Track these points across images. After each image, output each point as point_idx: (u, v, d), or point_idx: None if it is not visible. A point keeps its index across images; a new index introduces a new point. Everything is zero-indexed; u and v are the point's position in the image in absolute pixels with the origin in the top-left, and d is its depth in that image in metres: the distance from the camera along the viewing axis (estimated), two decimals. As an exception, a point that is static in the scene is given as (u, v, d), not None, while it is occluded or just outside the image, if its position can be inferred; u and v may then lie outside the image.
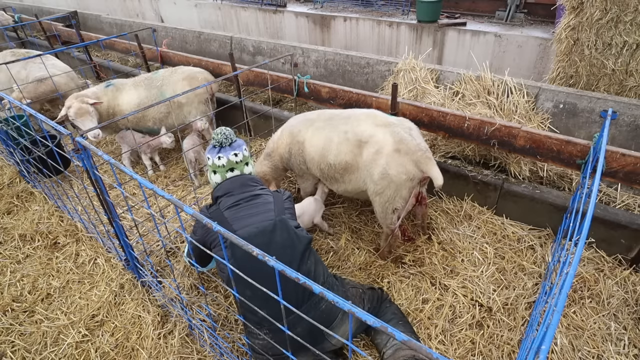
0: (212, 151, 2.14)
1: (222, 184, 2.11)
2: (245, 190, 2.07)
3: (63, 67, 4.94)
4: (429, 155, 2.44)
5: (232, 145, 2.13)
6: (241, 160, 2.14)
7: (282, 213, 2.00)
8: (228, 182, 2.10)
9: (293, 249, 1.93)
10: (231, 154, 2.10)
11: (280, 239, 1.91)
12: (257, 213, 1.97)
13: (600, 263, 2.68)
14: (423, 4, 5.67)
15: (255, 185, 2.13)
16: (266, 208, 2.00)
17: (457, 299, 2.51)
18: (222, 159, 2.10)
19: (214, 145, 2.15)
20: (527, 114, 3.34)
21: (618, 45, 3.47)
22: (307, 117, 2.95)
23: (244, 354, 2.23)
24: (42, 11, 9.81)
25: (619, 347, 2.19)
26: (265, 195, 2.08)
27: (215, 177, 2.15)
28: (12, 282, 2.83)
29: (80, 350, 2.35)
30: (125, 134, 3.96)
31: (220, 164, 2.10)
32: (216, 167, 2.12)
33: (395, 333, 0.88)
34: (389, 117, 2.65)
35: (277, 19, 7.61)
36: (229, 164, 2.11)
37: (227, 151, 2.10)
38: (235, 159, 2.12)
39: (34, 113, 2.37)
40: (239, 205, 1.99)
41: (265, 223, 1.92)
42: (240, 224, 1.91)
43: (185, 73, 4.06)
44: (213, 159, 2.11)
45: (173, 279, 2.54)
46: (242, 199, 2.02)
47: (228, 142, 2.13)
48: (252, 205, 2.00)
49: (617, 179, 2.52)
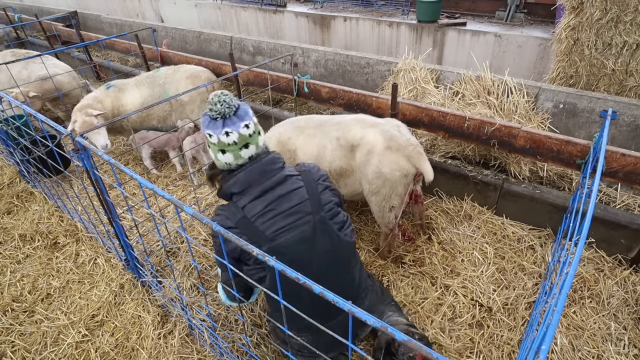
0: (213, 125, 1.61)
1: (237, 178, 1.66)
2: (268, 178, 1.66)
3: (64, 66, 4.94)
4: (420, 150, 2.45)
5: (239, 114, 1.61)
6: (254, 132, 1.65)
7: (319, 207, 1.69)
8: (243, 174, 1.65)
9: (338, 255, 1.74)
10: (242, 127, 1.60)
11: (322, 244, 1.68)
12: (291, 212, 1.64)
13: (600, 263, 2.68)
14: (423, 4, 5.67)
15: (276, 165, 1.71)
16: (299, 200, 1.67)
17: (457, 298, 2.51)
18: (231, 134, 1.59)
19: (213, 118, 1.62)
20: (527, 114, 3.34)
21: (618, 45, 3.47)
22: (295, 124, 2.85)
23: (244, 354, 2.23)
24: (42, 11, 9.81)
25: (619, 347, 2.19)
26: (294, 179, 1.71)
27: (225, 157, 1.65)
28: (12, 282, 2.83)
29: (80, 350, 2.35)
30: (147, 135, 3.92)
31: (231, 141, 1.60)
32: (225, 146, 1.62)
33: (395, 333, 0.88)
34: (377, 118, 2.66)
35: (277, 19, 7.61)
36: (241, 140, 1.61)
37: (235, 123, 1.60)
38: (247, 132, 1.62)
39: (34, 113, 2.37)
40: (266, 205, 1.64)
41: (304, 227, 1.65)
42: (274, 228, 1.61)
43: (189, 72, 4.06)
44: (218, 135, 1.60)
45: (173, 279, 2.54)
46: (267, 192, 1.65)
47: (232, 111, 1.61)
48: (283, 200, 1.65)
49: (617, 179, 2.52)
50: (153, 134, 3.89)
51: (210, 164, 1.88)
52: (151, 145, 3.90)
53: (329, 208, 1.72)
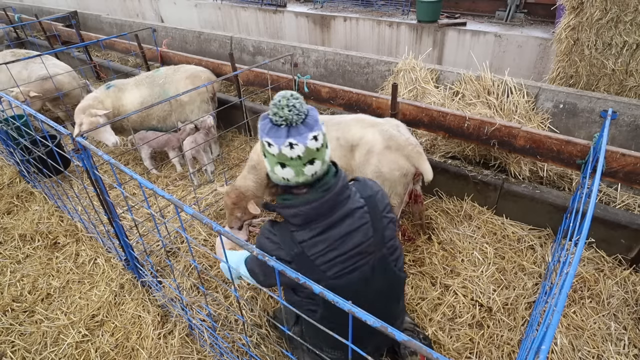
0: (275, 133, 1.32)
1: (300, 211, 1.41)
2: (335, 212, 1.44)
3: (64, 66, 4.94)
4: (420, 149, 2.45)
5: (307, 123, 1.33)
6: (322, 144, 1.37)
7: (382, 245, 1.53)
8: (310, 209, 1.40)
9: (391, 291, 1.69)
10: (310, 139, 1.31)
11: (378, 283, 1.58)
12: (354, 254, 1.47)
13: (600, 263, 2.68)
14: (423, 4, 5.67)
15: (345, 195, 1.47)
16: (364, 239, 1.49)
17: (457, 298, 2.51)
18: (296, 147, 1.31)
19: (275, 123, 1.33)
20: (527, 114, 3.34)
21: (618, 45, 3.47)
22: None
23: (244, 354, 2.23)
24: (42, 11, 9.81)
25: (619, 347, 2.19)
26: (361, 212, 1.49)
27: (285, 172, 1.37)
28: (12, 282, 2.83)
29: (80, 350, 2.35)
30: (147, 135, 3.91)
31: (295, 155, 1.32)
32: (286, 160, 1.34)
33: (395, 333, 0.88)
34: (376, 118, 2.66)
35: (277, 19, 7.61)
36: (307, 155, 1.33)
37: (302, 133, 1.31)
38: (315, 145, 1.33)
39: (34, 113, 2.37)
40: (329, 245, 1.44)
41: (364, 268, 1.51)
42: (335, 270, 1.46)
43: (189, 71, 4.06)
44: (280, 146, 1.32)
45: (173, 279, 2.54)
46: (332, 229, 1.44)
47: (301, 118, 1.32)
48: (347, 238, 1.46)
49: (617, 179, 2.52)
50: (152, 135, 3.89)
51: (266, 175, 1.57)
52: (151, 145, 3.90)
53: (390, 245, 1.59)
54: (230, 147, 4.47)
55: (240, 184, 2.95)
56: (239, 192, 2.86)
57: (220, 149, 4.30)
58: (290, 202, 1.42)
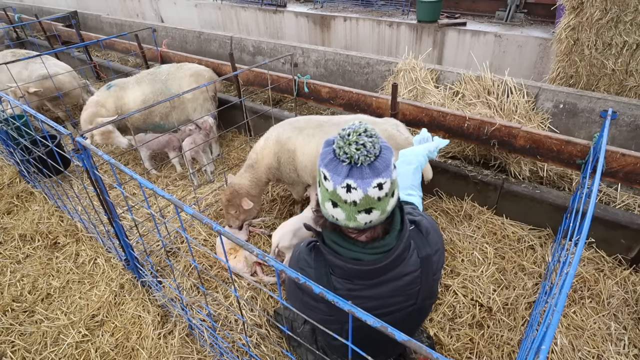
0: (334, 168, 1.13)
1: (344, 268, 1.24)
2: (389, 271, 1.27)
3: (64, 66, 4.94)
4: None
5: (375, 166, 1.11)
6: (387, 194, 1.14)
7: (425, 298, 1.41)
8: (360, 270, 1.23)
9: (417, 324, 1.63)
10: (373, 186, 1.10)
11: (406, 326, 1.44)
12: (395, 310, 1.36)
13: (600, 263, 2.68)
14: (423, 4, 5.67)
15: (404, 257, 1.29)
16: (406, 299, 1.36)
17: (457, 298, 2.51)
18: (354, 192, 1.11)
19: (338, 158, 1.14)
20: (527, 114, 3.34)
21: (618, 45, 3.47)
22: (294, 124, 2.85)
23: (244, 354, 2.23)
24: (42, 11, 9.81)
25: (619, 347, 2.19)
26: (412, 276, 1.32)
27: (334, 212, 1.18)
28: (12, 282, 2.83)
29: (80, 350, 2.35)
30: (146, 138, 3.92)
31: (350, 200, 1.12)
32: (339, 200, 1.14)
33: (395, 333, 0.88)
34: (375, 118, 2.66)
35: (277, 19, 7.61)
36: (365, 203, 1.12)
37: (364, 177, 1.10)
38: (377, 194, 1.12)
39: (34, 113, 2.37)
40: (373, 298, 1.30)
41: (400, 313, 1.39)
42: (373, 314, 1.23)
43: (192, 70, 4.07)
44: (336, 185, 1.12)
45: (173, 279, 2.54)
46: (380, 286, 1.28)
47: (369, 161, 1.11)
48: (394, 296, 1.32)
49: (617, 179, 2.52)
50: (152, 137, 3.90)
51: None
52: (151, 147, 3.90)
53: (431, 297, 1.46)
54: (230, 147, 4.47)
55: (235, 181, 2.95)
56: (232, 190, 2.88)
57: (220, 149, 4.30)
58: (338, 250, 1.24)
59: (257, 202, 3.06)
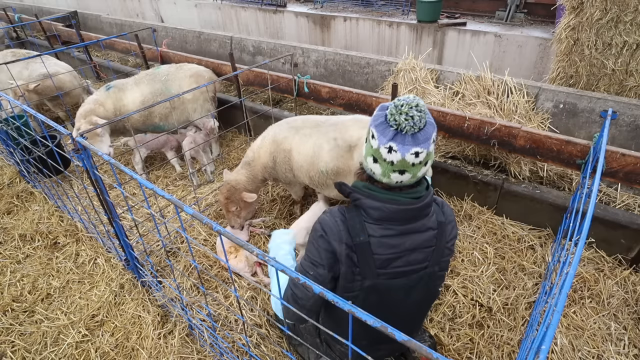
0: (382, 130, 1.33)
1: (384, 206, 1.39)
2: (414, 222, 1.44)
3: (64, 66, 4.94)
4: None
5: (416, 137, 1.30)
6: (420, 162, 1.34)
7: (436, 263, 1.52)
8: (398, 209, 1.39)
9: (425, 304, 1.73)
10: (410, 152, 1.30)
11: (416, 296, 1.57)
12: (409, 261, 1.46)
13: (600, 263, 2.68)
14: (423, 4, 5.68)
15: (429, 211, 1.47)
16: (424, 258, 1.49)
17: (457, 298, 2.51)
18: (394, 153, 1.31)
19: (387, 122, 1.33)
20: (527, 114, 3.34)
21: (618, 45, 3.47)
22: (292, 124, 2.84)
23: (244, 354, 2.23)
24: (42, 11, 9.82)
25: (619, 347, 2.19)
26: (432, 233, 1.48)
27: (373, 166, 1.40)
28: (12, 282, 2.83)
29: (80, 350, 2.35)
30: (145, 139, 3.90)
31: (389, 160, 1.33)
32: (379, 157, 1.35)
33: (395, 333, 0.88)
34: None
35: (277, 19, 7.61)
36: (400, 165, 1.33)
37: (405, 144, 1.30)
38: (413, 160, 1.31)
39: (34, 113, 2.37)
40: (397, 252, 1.43)
41: (412, 276, 1.50)
42: (390, 272, 1.45)
43: (192, 70, 4.06)
44: (380, 145, 1.33)
45: (173, 279, 2.54)
46: (404, 237, 1.43)
47: (413, 131, 1.29)
48: (413, 252, 1.46)
49: (617, 179, 2.52)
50: (151, 137, 3.90)
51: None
52: (149, 147, 3.90)
53: (441, 266, 1.57)
54: (230, 147, 4.47)
55: (231, 177, 2.94)
56: (230, 186, 2.87)
57: (220, 149, 4.30)
58: (376, 194, 1.40)
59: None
